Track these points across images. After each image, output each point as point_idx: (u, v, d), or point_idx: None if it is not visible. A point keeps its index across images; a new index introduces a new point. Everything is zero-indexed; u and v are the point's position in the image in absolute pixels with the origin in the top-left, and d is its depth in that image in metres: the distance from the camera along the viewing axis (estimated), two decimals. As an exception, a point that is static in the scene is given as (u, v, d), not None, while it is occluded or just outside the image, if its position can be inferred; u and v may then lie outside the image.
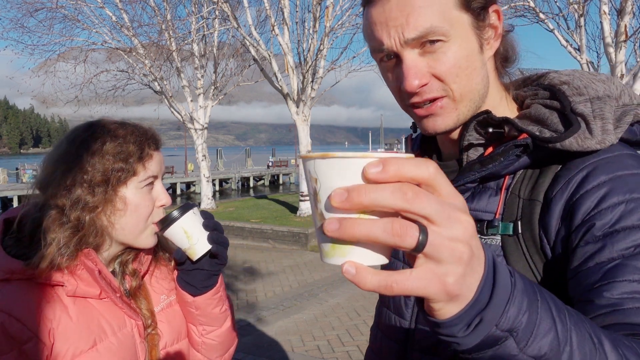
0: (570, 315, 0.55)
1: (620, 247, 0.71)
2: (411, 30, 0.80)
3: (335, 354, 4.96)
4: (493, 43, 0.87)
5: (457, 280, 0.46)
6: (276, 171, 42.81)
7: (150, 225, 1.17)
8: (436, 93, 0.84)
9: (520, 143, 0.82)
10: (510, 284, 0.50)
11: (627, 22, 9.52)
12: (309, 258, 9.34)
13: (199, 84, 15.07)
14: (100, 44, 14.47)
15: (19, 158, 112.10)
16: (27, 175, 30.05)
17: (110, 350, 1.11)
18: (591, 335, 0.55)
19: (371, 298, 6.72)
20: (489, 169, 0.85)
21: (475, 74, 0.84)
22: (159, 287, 1.29)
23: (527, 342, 0.51)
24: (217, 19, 14.10)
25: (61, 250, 1.07)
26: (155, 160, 1.18)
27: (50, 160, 1.16)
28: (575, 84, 0.86)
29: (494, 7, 0.86)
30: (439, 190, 0.46)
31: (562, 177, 0.80)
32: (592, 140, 0.79)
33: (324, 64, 12.52)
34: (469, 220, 0.47)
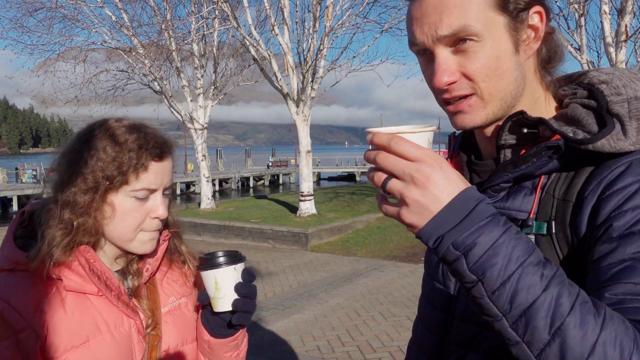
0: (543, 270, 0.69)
1: (632, 250, 0.72)
2: (444, 28, 0.82)
3: (335, 354, 4.95)
4: (532, 44, 0.86)
5: (405, 214, 0.72)
6: (276, 171, 42.84)
7: (140, 234, 1.16)
8: (464, 91, 0.85)
9: (552, 144, 0.82)
10: (476, 223, 0.69)
11: (627, 21, 9.52)
12: (309, 258, 9.34)
13: (198, 83, 15.06)
14: (100, 44, 14.46)
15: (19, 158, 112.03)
16: (27, 175, 30.06)
17: (103, 347, 1.11)
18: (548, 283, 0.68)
19: (371, 298, 6.72)
20: (521, 169, 0.86)
21: (507, 74, 0.85)
22: (170, 288, 1.28)
23: (477, 266, 0.69)
24: (217, 19, 14.08)
25: (53, 246, 1.09)
26: (152, 172, 1.14)
27: (60, 152, 1.19)
28: (614, 83, 0.85)
29: (536, 8, 0.85)
30: (401, 153, 0.71)
31: (595, 177, 0.80)
32: (625, 142, 0.78)
33: (324, 64, 12.51)
34: (425, 173, 0.70)
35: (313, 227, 10.73)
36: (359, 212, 12.88)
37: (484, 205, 0.71)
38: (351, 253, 9.71)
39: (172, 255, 1.32)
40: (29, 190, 28.39)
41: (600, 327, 0.66)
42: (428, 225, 0.71)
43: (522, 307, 0.67)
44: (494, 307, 0.69)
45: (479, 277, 0.69)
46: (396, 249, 9.78)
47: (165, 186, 1.19)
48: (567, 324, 0.66)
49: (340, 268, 8.51)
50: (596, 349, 0.65)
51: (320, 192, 18.12)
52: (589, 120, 0.83)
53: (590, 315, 0.66)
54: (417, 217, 0.71)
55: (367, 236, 10.97)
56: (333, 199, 15.50)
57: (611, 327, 0.66)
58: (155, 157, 1.15)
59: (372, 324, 5.73)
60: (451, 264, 0.71)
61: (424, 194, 0.70)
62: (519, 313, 0.68)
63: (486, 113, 0.87)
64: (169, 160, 1.20)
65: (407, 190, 0.71)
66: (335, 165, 49.04)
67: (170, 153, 1.20)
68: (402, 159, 0.71)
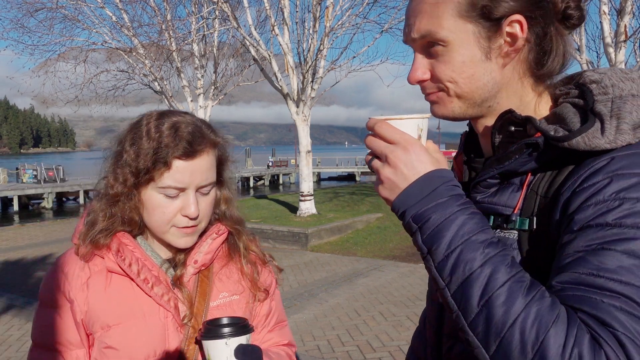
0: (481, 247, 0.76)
1: (585, 242, 0.74)
2: (415, 31, 0.90)
3: (335, 354, 4.96)
4: (510, 52, 0.87)
5: (380, 189, 0.85)
6: (276, 171, 42.84)
7: (173, 229, 1.18)
8: (432, 90, 0.93)
9: (530, 142, 0.85)
10: (435, 200, 0.79)
11: (626, 22, 9.53)
12: (309, 258, 9.35)
13: (199, 84, 15.06)
14: (100, 44, 14.45)
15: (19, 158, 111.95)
16: (27, 175, 30.04)
17: (135, 332, 1.15)
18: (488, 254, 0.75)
19: (371, 298, 6.73)
20: (505, 166, 0.89)
21: (474, 79, 0.88)
22: (223, 283, 1.28)
23: (428, 238, 0.78)
24: (217, 19, 14.08)
25: (94, 231, 1.19)
26: (178, 170, 1.13)
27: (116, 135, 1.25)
28: (604, 82, 0.86)
29: (513, 17, 0.85)
30: (383, 136, 0.83)
31: (573, 175, 0.82)
32: (600, 140, 0.79)
33: (324, 64, 12.52)
34: (397, 155, 0.81)
35: (313, 227, 10.74)
36: (359, 212, 12.89)
37: (447, 186, 0.80)
38: (351, 253, 9.72)
39: (232, 251, 1.31)
40: (30, 190, 28.42)
41: (525, 305, 0.71)
42: (396, 199, 0.82)
43: (460, 279, 0.75)
44: (439, 278, 0.78)
45: (429, 249, 0.78)
46: (396, 249, 9.79)
47: (200, 185, 1.17)
48: (495, 297, 0.72)
49: (340, 268, 8.52)
50: (516, 323, 0.70)
51: (320, 192, 18.12)
52: (573, 119, 0.84)
53: (518, 293, 0.72)
54: (389, 192, 0.83)
55: (367, 236, 10.98)
56: (333, 199, 15.51)
57: (536, 306, 0.70)
58: (181, 156, 1.13)
59: (372, 324, 5.74)
60: (412, 236, 0.81)
61: (395, 172, 0.82)
62: (457, 284, 0.75)
63: (452, 107, 0.92)
64: (204, 158, 1.17)
65: (382, 169, 0.83)
66: (335, 165, 49.04)
67: (205, 149, 1.17)
68: (382, 141, 0.84)
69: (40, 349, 1.21)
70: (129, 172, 1.15)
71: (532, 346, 0.68)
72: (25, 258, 9.85)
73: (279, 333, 1.38)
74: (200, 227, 1.23)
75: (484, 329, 0.72)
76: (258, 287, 1.32)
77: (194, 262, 1.23)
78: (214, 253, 1.27)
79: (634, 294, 0.68)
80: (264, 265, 1.38)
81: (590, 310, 0.69)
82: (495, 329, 0.71)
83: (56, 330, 1.18)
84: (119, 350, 1.14)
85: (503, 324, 0.70)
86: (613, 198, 0.74)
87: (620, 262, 0.70)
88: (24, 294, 7.25)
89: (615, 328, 0.67)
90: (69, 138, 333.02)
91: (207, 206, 1.22)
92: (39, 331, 1.21)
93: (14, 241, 11.99)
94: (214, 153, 1.22)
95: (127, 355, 1.14)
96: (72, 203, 31.05)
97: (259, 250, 1.38)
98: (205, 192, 1.20)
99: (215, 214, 1.31)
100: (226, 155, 1.28)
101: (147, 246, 1.24)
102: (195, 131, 1.17)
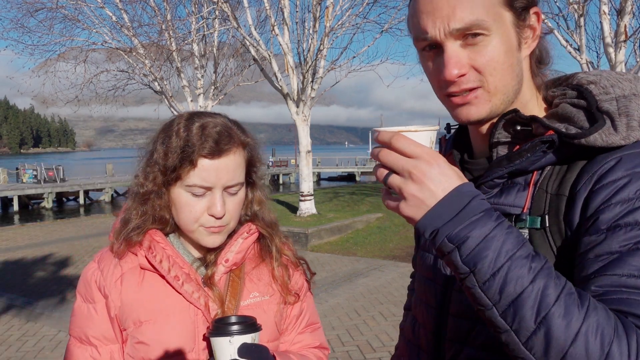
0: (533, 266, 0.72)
1: (618, 242, 0.74)
2: (457, 21, 0.85)
3: (335, 354, 4.96)
4: (531, 43, 0.91)
5: (403, 207, 0.77)
6: (276, 171, 42.86)
7: (200, 228, 1.19)
8: (473, 84, 0.88)
9: (546, 139, 0.85)
10: (469, 218, 0.74)
11: (626, 22, 9.53)
12: (309, 258, 9.27)
13: (199, 84, 15.06)
14: (101, 44, 14.45)
15: (19, 158, 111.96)
16: (27, 175, 30.04)
17: (165, 329, 1.17)
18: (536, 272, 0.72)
19: (371, 298, 6.73)
20: (516, 164, 0.89)
21: (511, 69, 0.88)
22: (254, 284, 1.28)
23: (470, 258, 0.73)
24: (217, 19, 14.08)
25: (129, 226, 1.22)
26: (204, 169, 1.15)
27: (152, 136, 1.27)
28: (602, 83, 0.88)
29: (535, 9, 0.89)
30: (401, 150, 0.76)
31: (587, 172, 0.83)
32: (616, 136, 0.81)
33: (324, 64, 12.52)
34: (422, 170, 0.75)
35: (313, 227, 10.74)
36: (359, 212, 12.89)
37: (478, 201, 0.75)
38: (351, 253, 9.72)
39: (263, 253, 1.32)
40: (30, 190, 28.43)
41: (584, 317, 0.69)
42: (424, 218, 0.76)
43: (510, 298, 0.71)
44: (484, 297, 0.73)
45: (471, 269, 0.74)
46: (396, 249, 9.79)
47: (227, 185, 1.18)
48: (552, 313, 0.69)
49: (340, 268, 8.52)
50: (578, 337, 0.68)
51: (320, 192, 18.12)
52: (579, 117, 0.86)
53: (574, 306, 0.70)
54: (414, 210, 0.77)
55: (367, 236, 10.98)
56: (333, 199, 15.51)
57: (594, 317, 0.69)
58: (207, 155, 1.14)
59: (372, 324, 5.75)
60: (446, 255, 0.76)
61: (421, 189, 0.75)
62: (507, 303, 0.71)
63: (490, 106, 0.90)
64: (230, 157, 1.18)
65: (405, 185, 0.76)
66: (335, 165, 48.99)
67: (233, 148, 1.18)
68: (401, 156, 0.77)
69: (77, 342, 1.24)
70: (158, 170, 1.18)
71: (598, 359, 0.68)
72: (25, 258, 9.85)
73: (310, 335, 1.38)
74: (229, 228, 1.24)
75: (544, 347, 0.70)
76: (289, 290, 1.32)
77: (225, 261, 1.24)
78: (245, 252, 1.27)
79: None
80: (296, 268, 1.39)
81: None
82: (557, 346, 0.69)
83: (91, 324, 1.22)
84: (150, 345, 1.17)
85: (565, 340, 0.69)
86: (638, 196, 0.76)
87: None
88: (24, 294, 7.25)
89: None
90: (69, 138, 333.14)
91: (235, 206, 1.22)
92: (76, 325, 1.25)
93: (14, 241, 11.98)
94: (243, 154, 1.22)
95: (158, 351, 1.16)
96: (72, 203, 31.07)
97: (292, 254, 1.38)
98: (233, 192, 1.21)
99: (247, 215, 1.31)
100: (257, 157, 1.28)
101: (179, 245, 1.26)
102: (223, 131, 1.18)
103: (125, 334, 1.21)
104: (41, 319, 6.20)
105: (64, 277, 8.28)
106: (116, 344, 1.22)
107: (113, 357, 1.22)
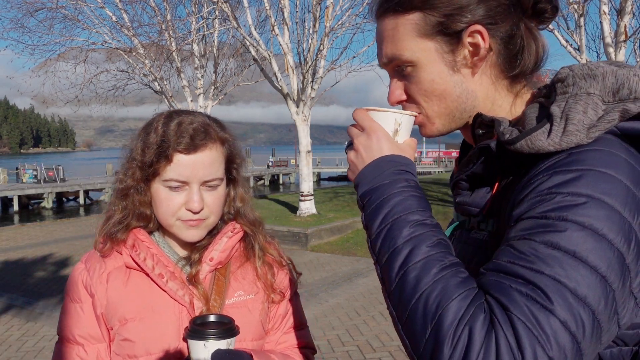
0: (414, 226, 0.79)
1: (514, 234, 0.75)
2: (383, 57, 0.94)
3: (335, 354, 4.97)
4: (476, 61, 0.88)
5: (348, 172, 0.93)
6: (276, 171, 42.86)
7: (178, 222, 1.21)
8: (414, 110, 0.94)
9: (482, 145, 0.86)
10: (381, 182, 0.84)
11: (626, 22, 9.54)
12: (309, 258, 9.35)
13: (199, 84, 15.06)
14: (100, 44, 14.45)
15: (19, 158, 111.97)
16: (27, 175, 30.03)
17: (151, 326, 1.19)
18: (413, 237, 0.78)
19: (371, 298, 6.73)
20: (469, 169, 0.91)
21: (446, 94, 0.90)
22: (239, 282, 1.29)
23: (368, 214, 0.84)
24: (217, 19, 14.08)
25: (110, 221, 1.25)
26: (180, 164, 1.17)
27: None
28: (567, 80, 0.83)
29: (472, 28, 0.85)
30: (356, 122, 0.91)
31: (526, 175, 0.80)
32: (544, 142, 0.77)
33: (324, 64, 12.52)
34: (360, 140, 0.89)
35: (313, 227, 10.74)
36: (359, 212, 12.85)
37: (395, 170, 0.85)
38: (351, 253, 9.73)
39: (248, 252, 1.33)
40: (30, 190, 28.42)
41: (434, 280, 0.73)
42: (355, 179, 0.89)
43: (385, 255, 0.79)
44: (372, 253, 0.82)
45: (367, 225, 0.83)
46: (396, 249, 9.79)
47: (203, 180, 1.19)
48: (409, 270, 0.75)
49: (340, 268, 8.53)
50: (422, 296, 0.72)
51: (320, 192, 18.13)
52: (532, 120, 0.83)
53: (431, 269, 0.74)
54: (351, 174, 0.92)
55: (367, 236, 10.98)
56: (333, 198, 15.52)
57: (443, 282, 0.72)
58: (182, 150, 1.17)
59: (372, 324, 5.75)
60: (362, 213, 0.86)
61: (357, 155, 0.90)
62: (383, 259, 0.79)
63: (436, 127, 0.94)
64: (207, 152, 1.20)
65: (349, 152, 0.92)
66: (335, 165, 48.99)
67: (209, 144, 1.20)
68: (355, 128, 0.92)
69: (65, 342, 1.25)
70: (136, 166, 1.21)
71: (432, 318, 0.70)
72: (25, 258, 9.85)
73: (295, 335, 1.38)
74: (209, 222, 1.24)
75: (397, 300, 0.75)
76: (274, 288, 1.32)
77: (210, 260, 1.25)
78: (230, 251, 1.28)
79: (541, 282, 0.67)
80: (281, 267, 1.38)
81: (496, 294, 0.69)
82: (405, 300, 0.74)
83: (78, 324, 1.24)
84: (136, 342, 1.18)
85: (411, 296, 0.73)
86: (546, 192, 0.73)
87: (536, 252, 0.69)
88: (24, 294, 7.26)
89: (513, 312, 0.66)
90: (69, 138, 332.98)
91: (214, 201, 1.23)
92: (63, 324, 1.26)
93: (14, 241, 11.98)
94: (221, 149, 1.24)
95: (143, 348, 1.18)
96: (72, 203, 31.07)
97: (277, 253, 1.38)
98: (212, 186, 1.22)
99: (230, 213, 1.32)
100: (237, 153, 1.30)
101: (164, 243, 1.28)
102: (199, 127, 1.20)
103: (112, 333, 1.22)
104: (41, 319, 6.21)
105: (64, 277, 8.28)
106: (103, 343, 1.23)
107: (100, 355, 1.23)
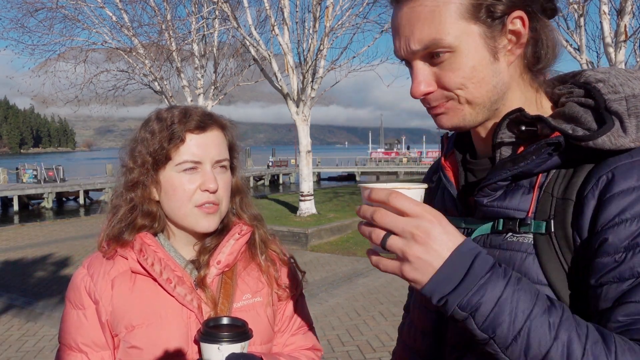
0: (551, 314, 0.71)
1: (638, 265, 0.71)
2: (415, 43, 0.83)
3: (335, 354, 4.96)
4: (515, 49, 0.85)
5: (408, 271, 0.73)
6: (276, 171, 42.84)
7: (194, 210, 1.20)
8: (439, 101, 0.87)
9: (552, 141, 0.81)
10: (477, 282, 0.71)
11: (626, 22, 9.54)
12: (309, 258, 9.35)
13: (199, 84, 15.06)
14: (100, 44, 14.45)
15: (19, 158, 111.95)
16: (27, 175, 30.01)
17: (159, 332, 1.16)
18: (558, 327, 0.70)
19: (371, 298, 6.73)
20: (520, 167, 0.84)
21: (485, 82, 0.85)
22: (245, 285, 1.27)
23: (486, 325, 0.71)
24: (217, 19, 14.08)
25: (115, 221, 1.22)
26: (192, 144, 1.18)
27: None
28: (611, 81, 0.84)
29: (516, 13, 0.82)
30: (400, 209, 0.72)
31: (594, 176, 0.79)
32: (625, 139, 0.77)
33: (324, 64, 12.52)
34: (426, 230, 0.71)
35: (313, 227, 10.74)
36: (359, 212, 12.88)
37: (481, 258, 0.73)
38: (351, 253, 9.72)
39: (252, 248, 1.31)
40: (30, 190, 28.41)
41: None
42: (430, 283, 0.72)
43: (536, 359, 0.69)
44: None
45: (490, 336, 0.71)
46: (396, 249, 9.79)
47: (215, 159, 1.21)
48: None
49: (340, 268, 8.53)
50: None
51: (320, 192, 18.13)
52: (587, 118, 0.82)
53: (602, 355, 0.68)
54: (420, 274, 0.73)
55: (367, 236, 10.98)
56: (333, 198, 15.52)
57: None
58: (194, 130, 1.19)
59: (372, 324, 5.75)
60: (460, 322, 0.73)
61: (426, 250, 0.71)
62: None
63: (463, 115, 0.88)
64: (215, 133, 1.22)
65: (409, 247, 0.72)
66: (335, 165, 48.94)
67: (215, 126, 1.23)
68: (400, 216, 0.73)
69: (67, 350, 1.22)
70: (147, 152, 1.19)
71: None
72: (25, 258, 9.85)
73: (302, 337, 1.37)
74: (222, 209, 1.24)
75: None
76: (278, 284, 1.32)
77: (217, 263, 1.23)
78: (237, 254, 1.27)
79: None
80: (285, 264, 1.38)
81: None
82: None
83: (81, 331, 1.20)
84: (143, 349, 1.15)
85: None
86: None
87: None
88: (24, 294, 7.26)
89: None
90: (69, 138, 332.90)
91: (224, 184, 1.24)
92: (65, 332, 1.23)
93: (14, 241, 11.98)
94: (224, 134, 1.26)
95: (150, 355, 1.15)
96: (72, 203, 31.06)
97: (279, 250, 1.37)
98: (223, 166, 1.24)
99: (233, 208, 1.32)
100: (236, 142, 1.31)
101: (170, 247, 1.25)
102: (204, 112, 1.24)
103: (117, 340, 1.19)
104: (41, 319, 6.21)
105: (64, 277, 8.28)
106: (107, 350, 1.20)
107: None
